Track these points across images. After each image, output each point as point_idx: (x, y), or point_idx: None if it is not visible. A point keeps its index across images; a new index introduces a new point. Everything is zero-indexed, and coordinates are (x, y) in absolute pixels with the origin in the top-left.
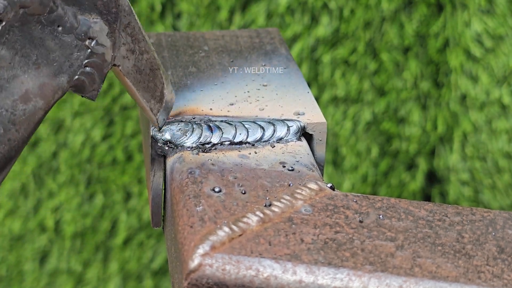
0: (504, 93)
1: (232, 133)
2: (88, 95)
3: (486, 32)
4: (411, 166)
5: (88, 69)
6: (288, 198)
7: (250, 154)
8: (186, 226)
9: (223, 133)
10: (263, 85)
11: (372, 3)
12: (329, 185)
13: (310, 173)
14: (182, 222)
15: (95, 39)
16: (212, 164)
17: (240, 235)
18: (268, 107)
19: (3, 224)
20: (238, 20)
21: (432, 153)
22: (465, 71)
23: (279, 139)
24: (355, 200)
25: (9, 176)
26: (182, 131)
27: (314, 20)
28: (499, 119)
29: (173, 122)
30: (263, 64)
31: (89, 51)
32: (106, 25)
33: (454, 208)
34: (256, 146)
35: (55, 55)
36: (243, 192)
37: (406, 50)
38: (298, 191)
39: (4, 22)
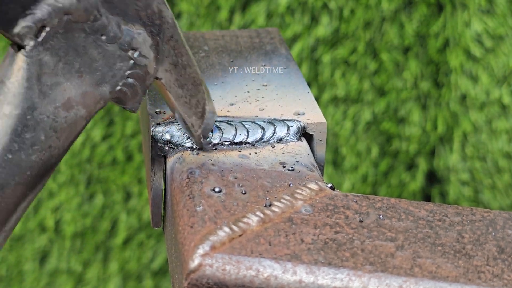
0: (504, 93)
1: (232, 133)
2: (129, 107)
3: (486, 32)
4: (411, 166)
5: (130, 80)
6: (288, 198)
7: (250, 154)
8: (186, 226)
9: (223, 133)
10: (263, 85)
11: (372, 3)
12: (329, 185)
13: (310, 173)
14: (182, 222)
15: (138, 50)
16: (212, 164)
17: (240, 235)
18: (268, 107)
19: None
20: (238, 20)
21: (432, 153)
22: (465, 71)
23: (279, 139)
24: (355, 200)
25: None
26: (182, 131)
27: (314, 20)
28: (499, 119)
29: (173, 122)
30: (263, 64)
31: (132, 62)
32: (150, 36)
33: (454, 208)
34: (256, 146)
35: (98, 64)
36: (243, 192)
37: (406, 50)
38: (298, 191)
39: (48, 28)
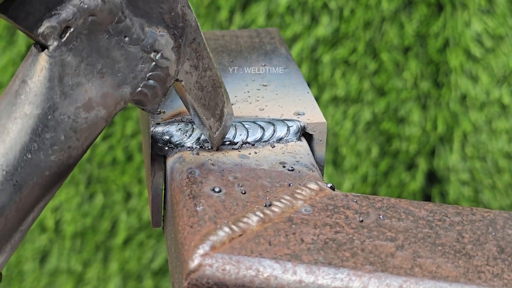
0: (504, 93)
1: (232, 133)
2: (149, 108)
3: (486, 32)
4: (411, 166)
5: (151, 82)
6: (288, 198)
7: (250, 154)
8: (186, 226)
9: None
10: (263, 85)
11: (372, 3)
12: (329, 185)
13: (310, 173)
14: (182, 222)
15: (160, 52)
16: (212, 164)
17: (240, 235)
18: (268, 107)
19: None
20: (238, 20)
21: (432, 153)
22: (465, 71)
23: (279, 139)
24: (355, 200)
25: None
26: (182, 131)
27: (314, 20)
28: (499, 119)
29: (173, 122)
30: (263, 64)
31: (153, 64)
32: (172, 39)
33: (454, 208)
34: (256, 146)
35: (120, 65)
36: (243, 192)
37: (406, 50)
38: (298, 191)
39: (72, 28)
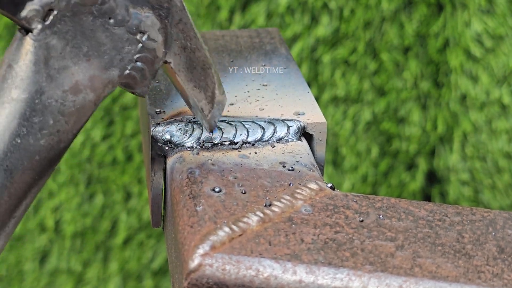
0: (504, 93)
1: (232, 133)
2: (138, 91)
3: (486, 32)
4: (411, 166)
5: (139, 64)
6: (288, 198)
7: (250, 154)
8: (186, 226)
9: (223, 133)
10: (263, 85)
11: (372, 3)
12: (329, 185)
13: (310, 173)
14: (182, 222)
15: (147, 34)
16: (212, 164)
17: (240, 235)
18: (268, 107)
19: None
20: (238, 20)
21: (432, 153)
22: (465, 71)
23: (279, 139)
24: (355, 200)
25: None
26: (182, 131)
27: (314, 20)
28: (499, 119)
29: (173, 122)
30: (263, 64)
31: (140, 45)
32: (158, 20)
33: (454, 208)
34: (256, 146)
35: (106, 48)
36: (243, 192)
37: (406, 50)
38: (298, 191)
39: (55, 11)
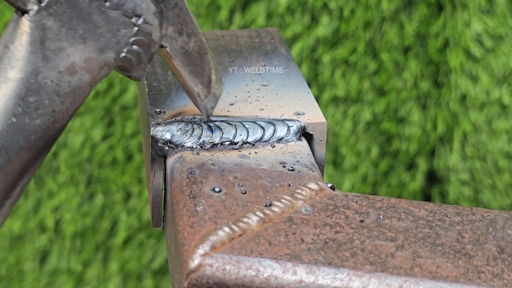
0: (504, 93)
1: (232, 133)
2: (134, 74)
3: (486, 32)
4: (411, 166)
5: (135, 47)
6: (288, 198)
7: (250, 154)
8: (186, 226)
9: (223, 133)
10: (263, 85)
11: (372, 3)
12: (329, 185)
13: (310, 173)
14: (182, 222)
15: (142, 17)
16: (212, 164)
17: (240, 235)
18: (268, 107)
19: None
20: (238, 20)
21: (432, 153)
22: (465, 71)
23: (279, 139)
24: (355, 200)
25: None
26: (182, 131)
27: (314, 20)
28: (499, 119)
29: (173, 122)
30: (263, 64)
31: (136, 29)
32: (153, 4)
33: (454, 208)
34: (256, 146)
35: (102, 30)
36: (243, 192)
37: (406, 50)
38: (298, 191)
39: None
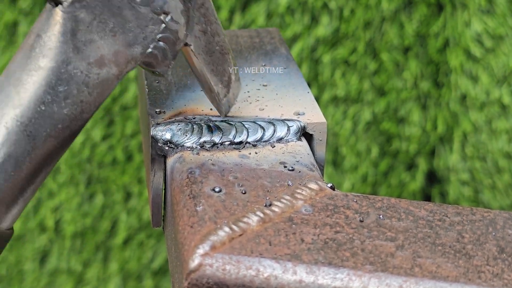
0: (504, 93)
1: (233, 133)
2: (158, 70)
3: (486, 32)
4: (411, 166)
5: (161, 43)
6: (288, 198)
7: (250, 154)
8: (186, 226)
9: (223, 133)
10: (263, 85)
11: (372, 3)
12: (329, 185)
13: (310, 173)
14: (182, 222)
15: (170, 15)
16: (212, 164)
17: (240, 235)
18: (268, 107)
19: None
20: (238, 20)
21: (432, 153)
22: (465, 71)
23: (279, 139)
24: (355, 200)
25: None
26: (182, 131)
27: (314, 20)
28: (499, 119)
29: (173, 122)
30: (263, 64)
31: (163, 25)
32: (181, 2)
33: (454, 208)
34: (256, 146)
35: (131, 25)
36: (243, 192)
37: (406, 50)
38: (298, 191)
39: None
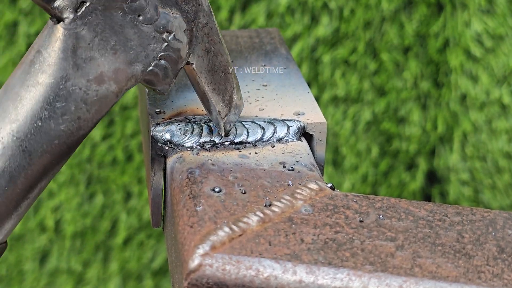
0: (504, 93)
1: (232, 133)
2: (159, 88)
3: (486, 32)
4: (411, 166)
5: (163, 62)
6: (288, 198)
7: (250, 154)
8: (186, 226)
9: None
10: (263, 85)
11: (372, 3)
12: (329, 185)
13: (310, 173)
14: (182, 222)
15: (173, 34)
16: (212, 164)
17: (240, 235)
18: (268, 107)
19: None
20: (238, 20)
21: (432, 153)
22: (465, 71)
23: (279, 139)
24: (355, 200)
25: None
26: (182, 131)
27: (314, 20)
28: (499, 119)
29: (173, 122)
30: (263, 64)
31: (165, 44)
32: (185, 21)
33: (454, 208)
34: (256, 146)
35: (132, 43)
36: (243, 192)
37: (406, 50)
38: (298, 191)
39: (88, 3)
